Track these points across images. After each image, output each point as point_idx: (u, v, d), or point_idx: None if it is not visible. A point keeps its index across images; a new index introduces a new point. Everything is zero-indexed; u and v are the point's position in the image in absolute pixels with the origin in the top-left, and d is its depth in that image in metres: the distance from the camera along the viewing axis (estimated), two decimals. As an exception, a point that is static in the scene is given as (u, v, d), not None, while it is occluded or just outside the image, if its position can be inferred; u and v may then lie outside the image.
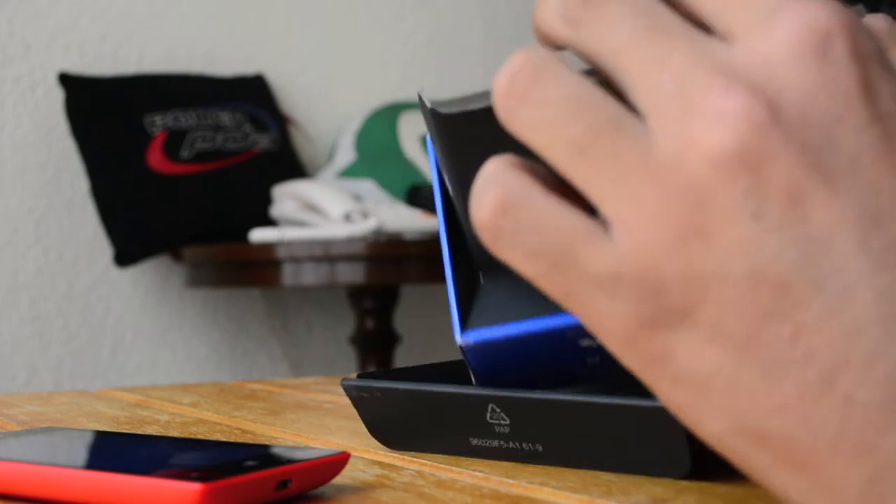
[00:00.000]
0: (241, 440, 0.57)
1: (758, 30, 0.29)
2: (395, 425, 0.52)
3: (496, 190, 0.30)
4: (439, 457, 0.50)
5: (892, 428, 0.27)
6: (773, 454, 0.28)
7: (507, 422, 0.48)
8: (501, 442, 0.48)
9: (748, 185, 0.27)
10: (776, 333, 0.28)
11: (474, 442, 0.49)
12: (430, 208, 2.09)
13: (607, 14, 0.30)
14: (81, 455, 0.48)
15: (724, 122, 0.28)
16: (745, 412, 0.28)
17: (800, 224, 0.27)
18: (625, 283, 0.29)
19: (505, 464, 0.49)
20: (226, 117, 2.27)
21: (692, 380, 0.29)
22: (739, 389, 0.28)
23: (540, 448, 0.48)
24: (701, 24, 0.30)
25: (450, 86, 2.66)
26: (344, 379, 0.51)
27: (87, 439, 0.50)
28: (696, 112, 0.28)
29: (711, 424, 0.29)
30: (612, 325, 0.29)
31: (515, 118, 0.30)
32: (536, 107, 0.30)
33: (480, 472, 0.47)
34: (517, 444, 0.48)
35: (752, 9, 0.29)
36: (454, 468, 0.48)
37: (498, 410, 0.47)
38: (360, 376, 0.51)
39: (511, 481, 0.45)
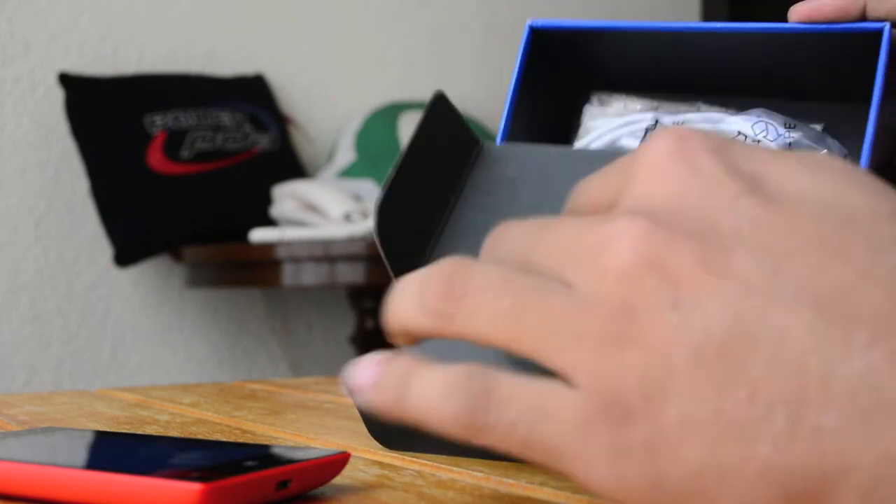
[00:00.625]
0: (241, 440, 0.57)
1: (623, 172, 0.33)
2: (395, 425, 0.51)
3: (464, 383, 0.32)
4: (439, 457, 0.50)
5: (866, 447, 0.28)
6: None
7: None
8: None
9: (656, 281, 0.30)
10: (735, 400, 0.29)
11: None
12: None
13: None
14: (81, 455, 0.48)
15: (616, 244, 0.30)
16: (740, 492, 0.29)
17: (714, 294, 0.29)
18: (594, 422, 0.30)
19: (505, 464, 0.49)
20: (226, 117, 2.27)
21: (685, 494, 0.29)
22: (726, 473, 0.29)
23: None
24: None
25: (450, 86, 2.66)
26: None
27: (87, 439, 0.50)
28: (593, 252, 0.31)
29: None
30: (595, 469, 0.30)
31: (462, 316, 0.32)
32: (465, 298, 0.32)
33: (480, 472, 0.47)
34: None
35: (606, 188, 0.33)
36: (454, 468, 0.48)
37: None
38: None
39: (511, 481, 0.45)
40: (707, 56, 0.57)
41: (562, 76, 0.60)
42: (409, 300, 0.33)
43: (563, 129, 0.61)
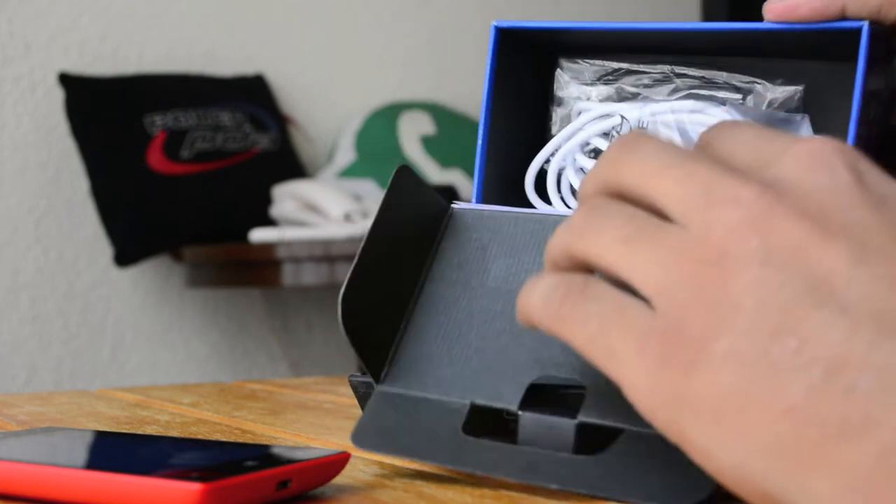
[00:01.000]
0: (241, 440, 0.56)
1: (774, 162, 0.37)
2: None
3: (566, 278, 0.38)
4: (439, 457, 0.50)
5: (894, 406, 0.30)
6: (783, 466, 0.31)
7: None
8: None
9: (758, 243, 0.34)
10: (783, 347, 0.32)
11: None
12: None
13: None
14: (81, 455, 0.48)
15: (737, 206, 0.34)
16: (757, 426, 0.32)
17: (801, 266, 0.33)
18: (654, 336, 0.34)
19: (505, 464, 0.49)
20: (226, 117, 2.27)
21: (708, 411, 0.33)
22: (750, 404, 0.32)
23: None
24: None
25: (450, 86, 2.66)
26: (352, 375, 0.51)
27: (87, 439, 0.50)
28: (717, 204, 0.35)
29: (728, 454, 0.33)
30: (637, 374, 0.34)
31: (586, 236, 0.37)
32: (598, 221, 0.37)
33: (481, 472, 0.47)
34: None
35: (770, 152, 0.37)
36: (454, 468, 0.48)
37: (513, 410, 0.47)
38: (366, 374, 0.51)
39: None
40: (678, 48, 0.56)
41: (533, 54, 0.59)
42: (564, 226, 0.39)
43: (542, 106, 0.60)
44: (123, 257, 2.13)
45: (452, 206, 0.51)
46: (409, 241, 0.49)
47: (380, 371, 0.48)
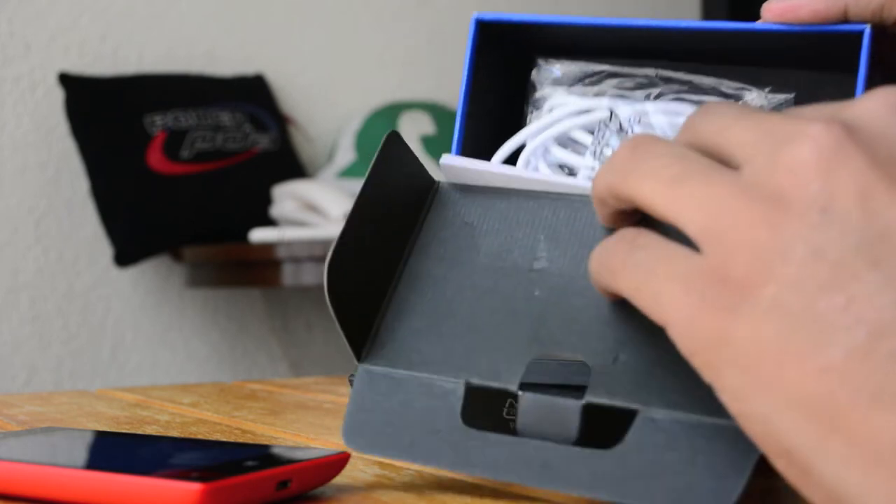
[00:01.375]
0: (241, 440, 0.57)
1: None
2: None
3: (619, 233, 0.38)
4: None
5: None
6: (810, 427, 0.30)
7: None
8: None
9: (819, 186, 0.32)
10: (830, 303, 0.31)
11: None
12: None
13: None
14: (81, 455, 0.48)
15: (804, 140, 0.32)
16: (791, 381, 0.31)
17: (863, 217, 0.31)
18: (699, 277, 0.33)
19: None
20: (226, 117, 2.27)
21: (745, 357, 0.32)
22: (788, 357, 0.31)
23: None
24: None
25: (450, 86, 2.66)
26: (351, 375, 0.51)
27: (87, 439, 0.50)
28: (776, 142, 0.33)
29: (759, 404, 0.32)
30: (679, 314, 0.33)
31: (631, 175, 0.36)
32: (644, 161, 0.36)
33: (480, 472, 0.47)
34: None
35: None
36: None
37: (517, 405, 0.47)
38: None
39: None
40: (665, 50, 0.55)
41: (512, 50, 0.58)
42: (606, 165, 0.38)
43: (520, 102, 0.59)
44: (123, 257, 2.13)
45: (438, 182, 0.49)
46: (396, 212, 0.47)
47: (361, 348, 0.45)
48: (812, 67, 0.54)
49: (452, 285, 0.46)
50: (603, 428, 0.41)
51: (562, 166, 0.56)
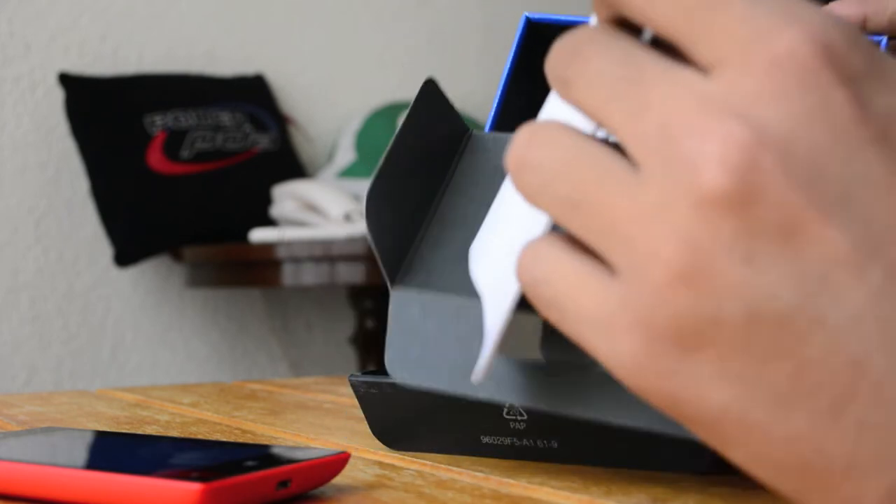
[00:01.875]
0: (241, 440, 0.57)
1: (737, 61, 0.28)
2: (401, 423, 0.51)
3: (530, 254, 0.31)
4: (439, 457, 0.50)
5: None
6: (792, 480, 0.28)
7: (524, 417, 0.47)
8: (515, 439, 0.48)
9: (736, 226, 0.27)
10: (779, 370, 0.27)
11: (485, 440, 0.49)
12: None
13: (589, 70, 0.30)
14: (81, 455, 0.48)
15: (707, 167, 0.27)
16: (759, 445, 0.28)
17: (794, 261, 0.27)
18: (620, 329, 0.29)
19: (505, 463, 0.49)
20: (226, 117, 2.27)
21: (704, 419, 0.29)
22: (750, 425, 0.28)
23: (555, 444, 0.48)
24: (682, 56, 0.30)
25: (450, 86, 2.66)
26: (352, 375, 0.51)
27: (87, 439, 0.50)
28: (680, 157, 0.28)
29: (732, 454, 0.29)
30: (617, 363, 0.29)
31: (521, 184, 0.31)
32: (533, 171, 0.30)
33: (480, 472, 0.47)
34: (531, 441, 0.48)
35: (731, 39, 0.28)
36: (454, 468, 0.48)
37: (516, 406, 0.47)
38: (365, 373, 0.51)
39: (511, 481, 0.45)
40: None
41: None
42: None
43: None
44: (123, 257, 2.13)
45: (472, 129, 0.50)
46: (430, 156, 0.49)
47: (395, 272, 0.45)
48: None
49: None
50: None
51: None
